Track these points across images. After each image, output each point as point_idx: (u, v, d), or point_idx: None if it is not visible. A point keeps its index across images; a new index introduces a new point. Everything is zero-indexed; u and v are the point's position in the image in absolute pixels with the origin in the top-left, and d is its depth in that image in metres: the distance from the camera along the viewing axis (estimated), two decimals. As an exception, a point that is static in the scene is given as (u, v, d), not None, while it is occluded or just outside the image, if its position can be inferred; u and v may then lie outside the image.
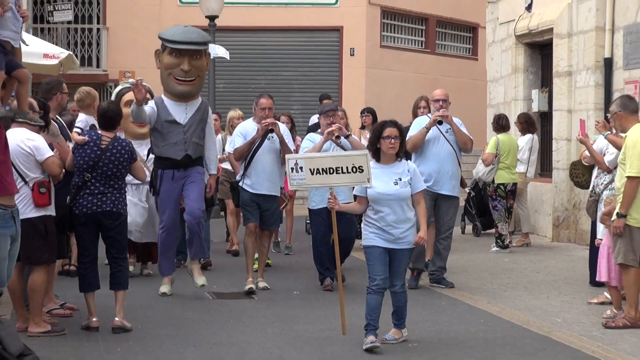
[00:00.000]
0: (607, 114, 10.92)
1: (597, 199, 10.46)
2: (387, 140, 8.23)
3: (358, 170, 8.29)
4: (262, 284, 11.29)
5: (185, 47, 10.63)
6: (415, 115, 12.51)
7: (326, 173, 8.50)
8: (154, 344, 8.69)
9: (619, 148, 9.93)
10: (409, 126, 12.04)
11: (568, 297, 11.27)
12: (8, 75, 7.28)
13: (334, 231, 8.98)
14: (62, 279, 11.23)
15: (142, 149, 11.26)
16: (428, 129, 11.25)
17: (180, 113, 10.69)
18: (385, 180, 8.24)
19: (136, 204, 11.53)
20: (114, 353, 8.33)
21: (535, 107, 17.46)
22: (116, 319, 9.03)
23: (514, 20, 18.25)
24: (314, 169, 8.52)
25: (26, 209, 8.60)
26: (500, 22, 19.25)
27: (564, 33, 16.25)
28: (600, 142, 10.91)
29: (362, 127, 15.00)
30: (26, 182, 8.62)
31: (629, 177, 9.17)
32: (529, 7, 17.72)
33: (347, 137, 11.11)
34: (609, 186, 10.23)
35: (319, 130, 11.56)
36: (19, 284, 8.87)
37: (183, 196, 10.70)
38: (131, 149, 9.34)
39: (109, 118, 9.35)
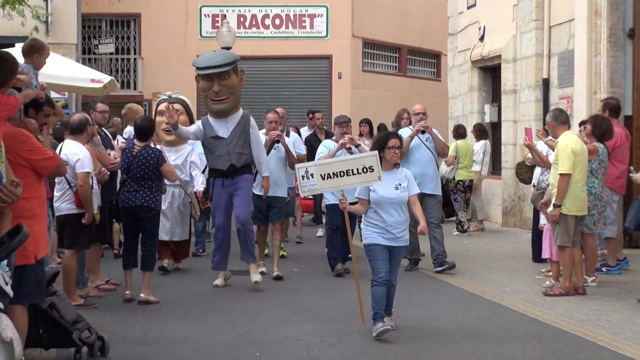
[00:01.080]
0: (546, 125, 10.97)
1: (543, 192, 10.46)
2: (392, 150, 7.51)
3: (369, 170, 7.50)
4: (276, 273, 10.61)
5: (209, 71, 9.80)
6: (397, 125, 12.28)
7: (336, 177, 7.71)
8: (181, 311, 8.71)
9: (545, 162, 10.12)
10: None
11: (514, 271, 11.30)
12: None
13: (347, 228, 8.29)
14: (107, 260, 11.23)
15: (171, 154, 10.63)
16: (412, 137, 10.96)
17: (222, 128, 9.81)
18: (387, 185, 7.49)
19: (175, 210, 10.82)
20: (149, 319, 8.36)
21: (487, 119, 17.47)
22: (141, 295, 9.04)
23: (469, 48, 18.27)
24: (324, 174, 7.72)
25: (70, 207, 8.73)
26: (458, 50, 19.27)
27: (510, 58, 16.27)
28: (540, 147, 10.93)
29: (360, 135, 14.71)
30: (71, 187, 8.67)
31: (560, 174, 9.24)
32: (481, 38, 17.75)
33: (357, 146, 10.65)
34: (547, 181, 10.24)
35: (334, 138, 11.24)
36: (73, 266, 8.85)
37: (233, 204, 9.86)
38: (157, 156, 9.26)
39: (143, 132, 9.38)
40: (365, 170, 7.54)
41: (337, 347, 7.25)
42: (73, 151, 8.67)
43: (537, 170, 11.02)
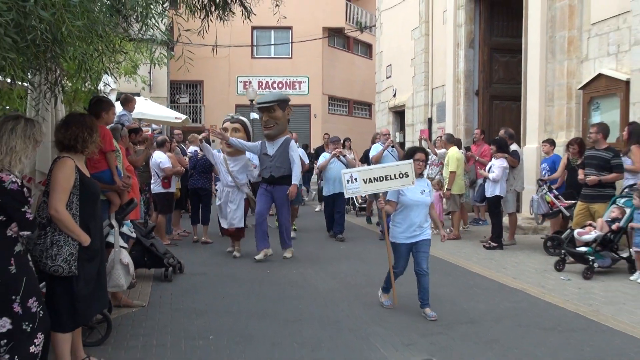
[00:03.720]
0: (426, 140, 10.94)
1: (431, 180, 10.24)
2: (417, 162, 5.41)
3: (404, 175, 5.36)
4: (292, 234, 9.03)
5: (258, 105, 8.06)
6: (373, 142, 11.04)
7: (377, 181, 5.42)
8: (226, 248, 8.62)
9: (434, 154, 10.03)
10: (369, 149, 10.96)
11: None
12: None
13: (384, 221, 5.63)
14: (184, 219, 11.11)
15: (230, 162, 8.56)
16: (384, 150, 9.58)
17: (270, 148, 7.85)
18: (414, 190, 5.34)
19: (228, 205, 8.48)
20: (207, 252, 8.30)
21: (397, 140, 17.48)
22: (202, 238, 9.00)
23: (387, 101, 18.26)
24: (366, 179, 5.45)
25: (159, 189, 8.65)
26: (381, 102, 19.23)
27: (410, 106, 16.27)
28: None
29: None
30: (159, 177, 8.58)
31: (450, 172, 9.29)
32: (394, 95, 17.75)
33: (344, 155, 9.57)
34: (437, 174, 10.03)
35: (329, 151, 10.10)
36: (163, 222, 8.77)
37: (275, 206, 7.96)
38: (207, 160, 9.01)
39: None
40: (401, 175, 5.41)
41: (313, 267, 7.23)
42: (158, 157, 8.67)
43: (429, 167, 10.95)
